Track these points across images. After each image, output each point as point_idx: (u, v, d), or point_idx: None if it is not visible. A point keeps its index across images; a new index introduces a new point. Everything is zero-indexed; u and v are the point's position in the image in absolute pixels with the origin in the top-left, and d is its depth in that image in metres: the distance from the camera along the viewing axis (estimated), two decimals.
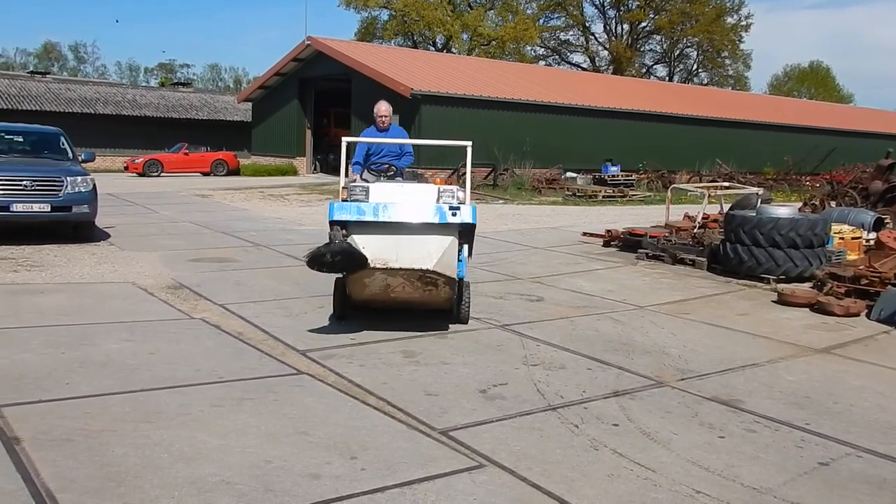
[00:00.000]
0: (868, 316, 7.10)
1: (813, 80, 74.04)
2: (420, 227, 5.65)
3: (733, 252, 9.02)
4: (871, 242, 9.99)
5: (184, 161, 30.04)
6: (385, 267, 5.59)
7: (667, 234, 11.02)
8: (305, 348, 5.60)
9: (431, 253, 5.62)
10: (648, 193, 23.74)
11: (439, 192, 5.93)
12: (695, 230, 11.06)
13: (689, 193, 17.34)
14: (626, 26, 58.70)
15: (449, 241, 5.71)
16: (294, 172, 29.88)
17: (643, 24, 58.26)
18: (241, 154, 32.38)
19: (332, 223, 5.68)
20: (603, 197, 22.04)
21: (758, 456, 3.89)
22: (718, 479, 3.59)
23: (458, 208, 5.72)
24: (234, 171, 30.48)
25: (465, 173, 6.76)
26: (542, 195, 22.73)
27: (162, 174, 28.86)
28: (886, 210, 12.92)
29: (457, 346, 5.80)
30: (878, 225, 11.01)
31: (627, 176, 25.58)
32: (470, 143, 6.39)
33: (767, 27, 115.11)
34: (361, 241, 5.56)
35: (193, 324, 6.29)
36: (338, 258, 5.49)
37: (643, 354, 5.73)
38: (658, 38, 59.72)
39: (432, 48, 50.11)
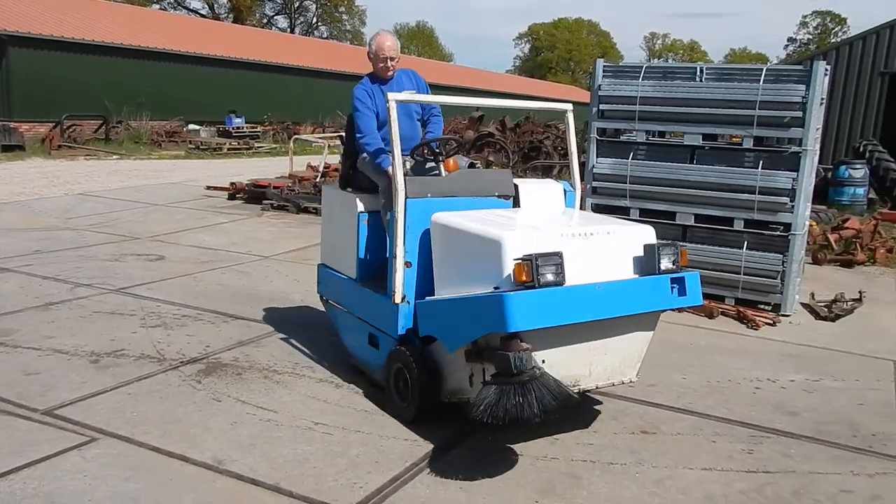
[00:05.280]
0: None
1: (420, 39, 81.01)
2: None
3: None
4: None
5: None
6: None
7: (290, 185, 11.27)
8: None
9: (634, 356, 3.61)
10: (274, 145, 23.85)
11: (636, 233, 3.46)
12: (317, 179, 11.49)
13: (312, 144, 17.88)
14: None
15: (651, 335, 3.62)
16: None
17: None
18: None
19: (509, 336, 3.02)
20: (228, 150, 21.60)
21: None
22: (335, 408, 3.88)
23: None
24: None
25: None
26: (163, 149, 21.36)
27: None
28: (478, 156, 14.94)
29: (62, 317, 5.26)
30: (471, 168, 12.66)
31: (253, 128, 25.36)
32: (570, 105, 4.34)
33: None
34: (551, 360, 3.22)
35: None
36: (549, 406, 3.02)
37: (269, 302, 5.86)
38: None
39: None
